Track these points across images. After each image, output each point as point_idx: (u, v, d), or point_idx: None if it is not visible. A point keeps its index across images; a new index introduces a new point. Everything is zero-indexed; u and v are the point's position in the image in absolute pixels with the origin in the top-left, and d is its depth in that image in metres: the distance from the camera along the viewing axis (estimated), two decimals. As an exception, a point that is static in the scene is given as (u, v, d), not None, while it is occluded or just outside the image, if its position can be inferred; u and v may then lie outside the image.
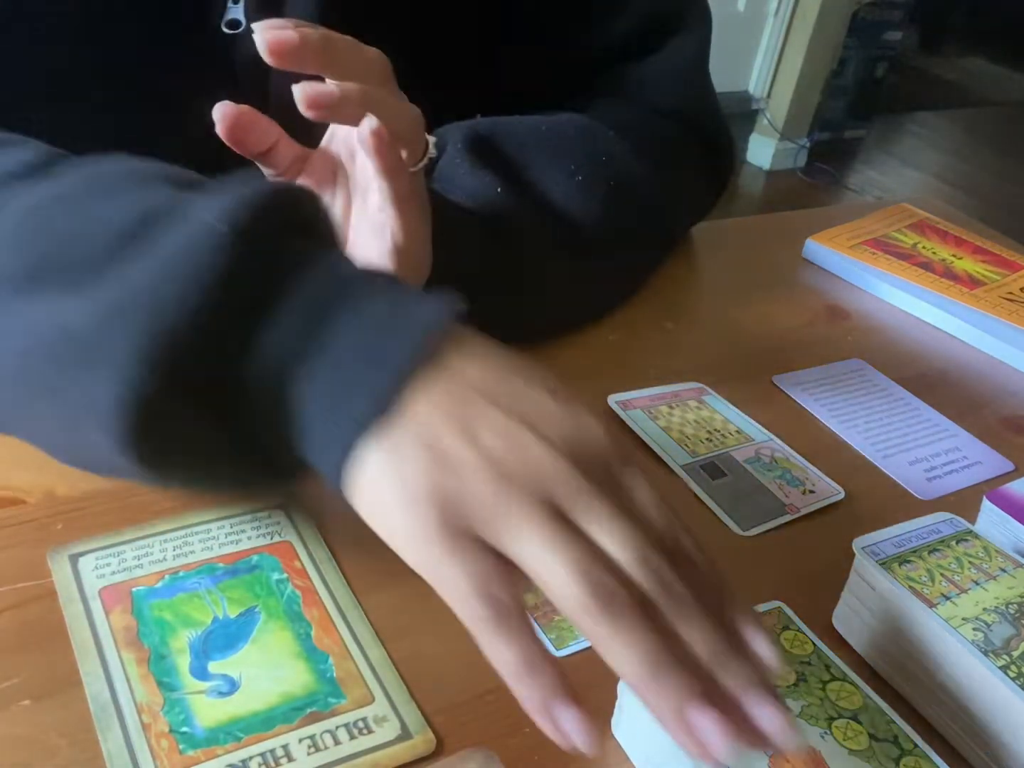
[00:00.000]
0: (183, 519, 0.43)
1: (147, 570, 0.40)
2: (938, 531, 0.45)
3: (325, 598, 0.41)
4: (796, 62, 3.12)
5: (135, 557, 0.41)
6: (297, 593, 0.41)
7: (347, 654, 0.39)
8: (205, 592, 0.40)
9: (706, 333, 0.69)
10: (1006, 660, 0.37)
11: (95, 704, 0.35)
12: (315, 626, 0.39)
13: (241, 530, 0.43)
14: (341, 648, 0.39)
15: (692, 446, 0.55)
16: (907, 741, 0.37)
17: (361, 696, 0.37)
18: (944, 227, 0.87)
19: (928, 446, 0.59)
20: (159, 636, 0.38)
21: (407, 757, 0.35)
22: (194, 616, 0.39)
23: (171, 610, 0.39)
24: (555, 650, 0.41)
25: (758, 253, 0.82)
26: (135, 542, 0.41)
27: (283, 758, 0.34)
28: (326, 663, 0.38)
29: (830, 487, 0.53)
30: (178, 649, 0.37)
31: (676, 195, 0.70)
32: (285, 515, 0.44)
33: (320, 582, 0.41)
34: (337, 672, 0.38)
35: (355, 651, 0.39)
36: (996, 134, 3.94)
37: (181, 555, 0.41)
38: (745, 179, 3.21)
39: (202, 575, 0.41)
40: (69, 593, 0.39)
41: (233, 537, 0.43)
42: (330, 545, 0.43)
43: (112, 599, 0.39)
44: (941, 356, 0.71)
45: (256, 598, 0.40)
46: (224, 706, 0.36)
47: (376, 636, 0.40)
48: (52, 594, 0.39)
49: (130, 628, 0.38)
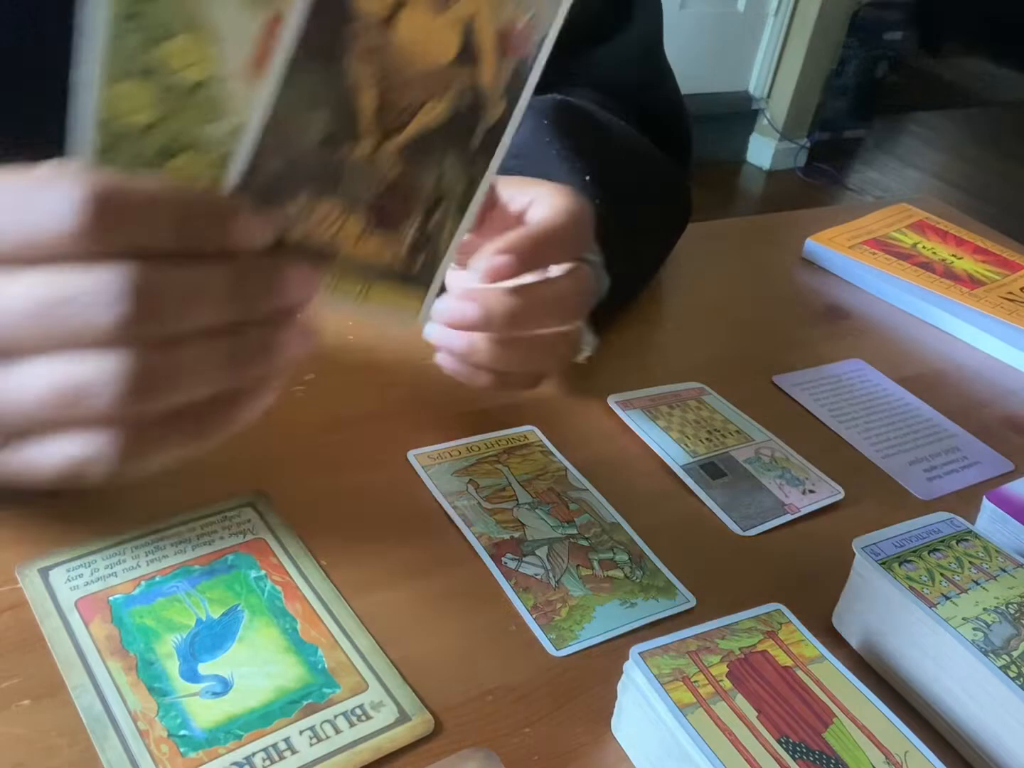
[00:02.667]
0: (152, 524, 0.43)
1: (122, 578, 0.40)
2: (938, 531, 0.45)
3: (306, 591, 0.41)
4: (796, 62, 3.12)
5: (108, 566, 0.40)
6: (277, 589, 0.41)
7: (335, 644, 0.39)
8: (184, 595, 0.40)
9: (706, 333, 0.69)
10: (1006, 660, 0.37)
11: (88, 716, 0.34)
12: (300, 620, 0.39)
13: (213, 531, 0.43)
14: (329, 639, 0.39)
15: (692, 446, 0.55)
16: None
17: (355, 684, 0.37)
18: (944, 227, 0.87)
19: (928, 446, 0.59)
20: (143, 643, 0.37)
21: (408, 739, 0.36)
22: (177, 620, 0.39)
23: (152, 616, 0.39)
24: (555, 650, 0.41)
25: (758, 253, 0.82)
26: (105, 551, 0.41)
27: (286, 751, 0.34)
28: (316, 655, 0.38)
29: (830, 487, 0.53)
30: (165, 654, 0.37)
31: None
32: (255, 511, 0.44)
33: (299, 576, 0.42)
34: (328, 663, 0.38)
35: (343, 641, 0.39)
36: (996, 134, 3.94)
37: (155, 560, 0.41)
38: (745, 179, 3.21)
39: (179, 579, 0.40)
40: (44, 608, 0.38)
41: (206, 538, 0.42)
42: (304, 539, 0.43)
43: (90, 610, 0.38)
44: (941, 356, 0.71)
45: (237, 597, 0.40)
46: (220, 706, 0.36)
47: (362, 624, 0.40)
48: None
49: (112, 637, 0.37)
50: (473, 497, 0.48)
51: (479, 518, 0.47)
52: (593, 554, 0.46)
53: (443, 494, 0.48)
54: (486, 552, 0.45)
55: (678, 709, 0.35)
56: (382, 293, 0.35)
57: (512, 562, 0.45)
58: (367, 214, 0.33)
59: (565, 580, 0.44)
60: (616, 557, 0.46)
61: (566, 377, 0.58)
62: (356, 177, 0.32)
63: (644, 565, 0.46)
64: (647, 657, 0.37)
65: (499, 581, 0.44)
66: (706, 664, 0.37)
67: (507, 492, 0.49)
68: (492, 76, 0.32)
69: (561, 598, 0.43)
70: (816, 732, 0.36)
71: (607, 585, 0.44)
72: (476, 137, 0.33)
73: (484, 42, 0.31)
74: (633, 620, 0.43)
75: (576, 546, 0.46)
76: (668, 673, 0.36)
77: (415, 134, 0.32)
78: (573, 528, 0.47)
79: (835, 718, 0.36)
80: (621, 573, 0.45)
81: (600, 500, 0.50)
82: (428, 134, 0.32)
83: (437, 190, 0.33)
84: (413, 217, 0.34)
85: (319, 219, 0.32)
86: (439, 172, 0.33)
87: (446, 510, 0.47)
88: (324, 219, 0.32)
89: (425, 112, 0.32)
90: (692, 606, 0.44)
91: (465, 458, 0.51)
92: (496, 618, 0.42)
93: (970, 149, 3.77)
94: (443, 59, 0.31)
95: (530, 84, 0.32)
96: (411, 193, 0.33)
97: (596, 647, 0.41)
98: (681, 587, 0.45)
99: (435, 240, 0.35)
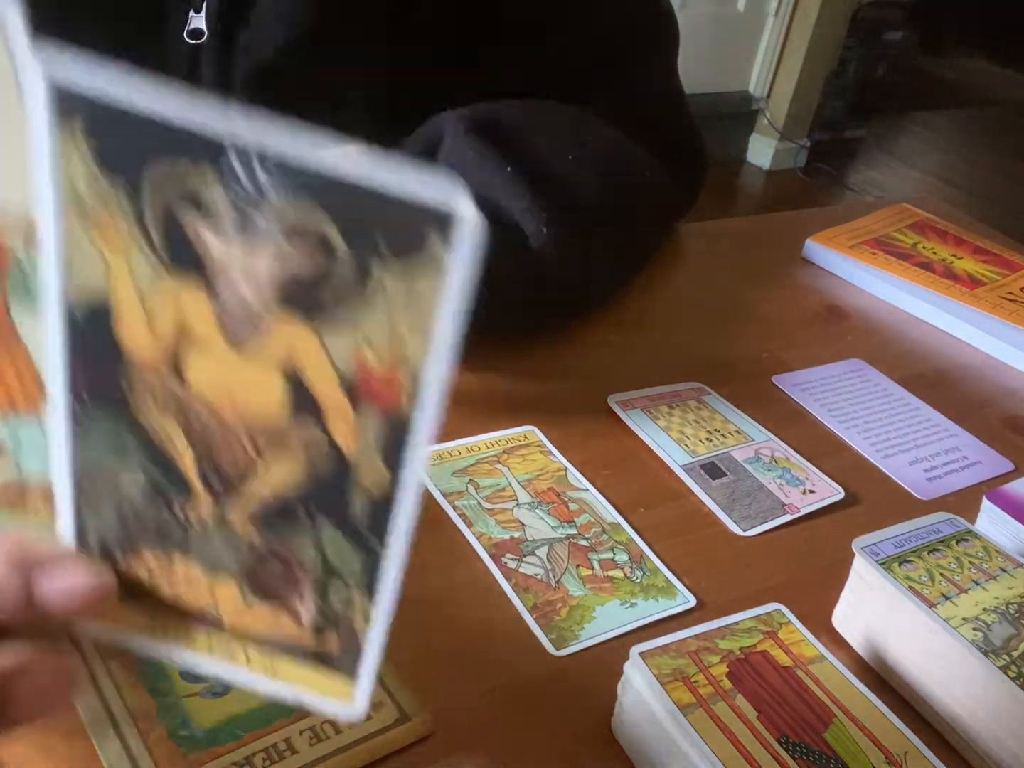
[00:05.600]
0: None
1: None
2: (938, 531, 0.45)
3: None
4: (796, 62, 3.12)
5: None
6: None
7: None
8: None
9: (706, 333, 0.68)
10: (1006, 660, 0.37)
11: (87, 715, 0.34)
12: None
13: None
14: None
15: (692, 446, 0.55)
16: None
17: None
18: (944, 227, 0.87)
19: (928, 446, 0.59)
20: None
21: (407, 739, 0.36)
22: None
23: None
24: (555, 650, 0.41)
25: (758, 253, 0.82)
26: None
27: (286, 751, 0.34)
28: None
29: (830, 487, 0.53)
30: None
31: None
32: None
33: None
34: None
35: None
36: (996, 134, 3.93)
37: None
38: (745, 179, 3.21)
39: None
40: None
41: None
42: None
43: None
44: (941, 356, 0.71)
45: None
46: (220, 706, 0.36)
47: None
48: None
49: None
50: (473, 497, 0.48)
51: (479, 518, 0.47)
52: (593, 554, 0.46)
53: (443, 494, 0.48)
54: (486, 552, 0.45)
55: (678, 709, 0.35)
56: (297, 672, 0.28)
57: (512, 562, 0.45)
58: (240, 582, 0.26)
59: (565, 580, 0.44)
60: (616, 557, 0.46)
61: (566, 377, 0.58)
62: (208, 541, 0.26)
63: (644, 565, 0.46)
64: (647, 657, 0.37)
65: (499, 581, 0.44)
66: (706, 664, 0.37)
67: (507, 492, 0.49)
68: (352, 437, 0.24)
69: (561, 598, 0.43)
70: (816, 732, 0.36)
71: (607, 585, 0.44)
72: (353, 508, 0.25)
73: (323, 392, 0.23)
74: (633, 620, 0.43)
75: (576, 546, 0.46)
76: (668, 673, 0.36)
77: (263, 499, 0.25)
78: (573, 528, 0.47)
79: (835, 718, 0.36)
80: (621, 573, 0.45)
81: (600, 500, 0.50)
82: (282, 501, 0.25)
83: (325, 566, 0.26)
84: (302, 591, 0.26)
85: (182, 580, 0.26)
86: (316, 546, 0.26)
87: (446, 510, 0.47)
88: (188, 582, 0.26)
89: (266, 473, 0.25)
90: (692, 606, 0.44)
91: (465, 458, 0.51)
92: (496, 618, 0.42)
93: (970, 149, 3.77)
94: (268, 413, 0.24)
95: (419, 444, 0.23)
96: (288, 565, 0.26)
97: (596, 647, 0.41)
98: (681, 587, 0.45)
99: (345, 622, 0.27)
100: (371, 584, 0.26)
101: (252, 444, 0.24)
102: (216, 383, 0.24)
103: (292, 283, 0.22)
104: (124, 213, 0.22)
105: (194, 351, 0.23)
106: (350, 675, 0.28)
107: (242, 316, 0.22)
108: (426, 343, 0.22)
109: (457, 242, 0.20)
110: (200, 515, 0.25)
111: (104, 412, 0.24)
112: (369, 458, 0.24)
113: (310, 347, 0.23)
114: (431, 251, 0.21)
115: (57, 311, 0.23)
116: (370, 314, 0.22)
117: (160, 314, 0.23)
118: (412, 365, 0.22)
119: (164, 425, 0.24)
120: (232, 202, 0.21)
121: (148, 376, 0.24)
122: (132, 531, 0.26)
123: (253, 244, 0.21)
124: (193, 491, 0.25)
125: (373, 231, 0.21)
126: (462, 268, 0.20)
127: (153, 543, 0.26)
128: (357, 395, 0.23)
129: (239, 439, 0.24)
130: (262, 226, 0.21)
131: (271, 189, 0.21)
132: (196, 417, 0.24)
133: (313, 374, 0.23)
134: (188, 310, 0.23)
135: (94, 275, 0.22)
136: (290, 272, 0.22)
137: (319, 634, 0.27)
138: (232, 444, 0.24)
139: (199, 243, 0.22)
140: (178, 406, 0.24)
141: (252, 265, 0.22)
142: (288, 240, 0.21)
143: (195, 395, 0.24)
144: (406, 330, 0.22)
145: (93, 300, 0.23)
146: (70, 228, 0.22)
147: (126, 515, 0.25)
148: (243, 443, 0.24)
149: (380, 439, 0.23)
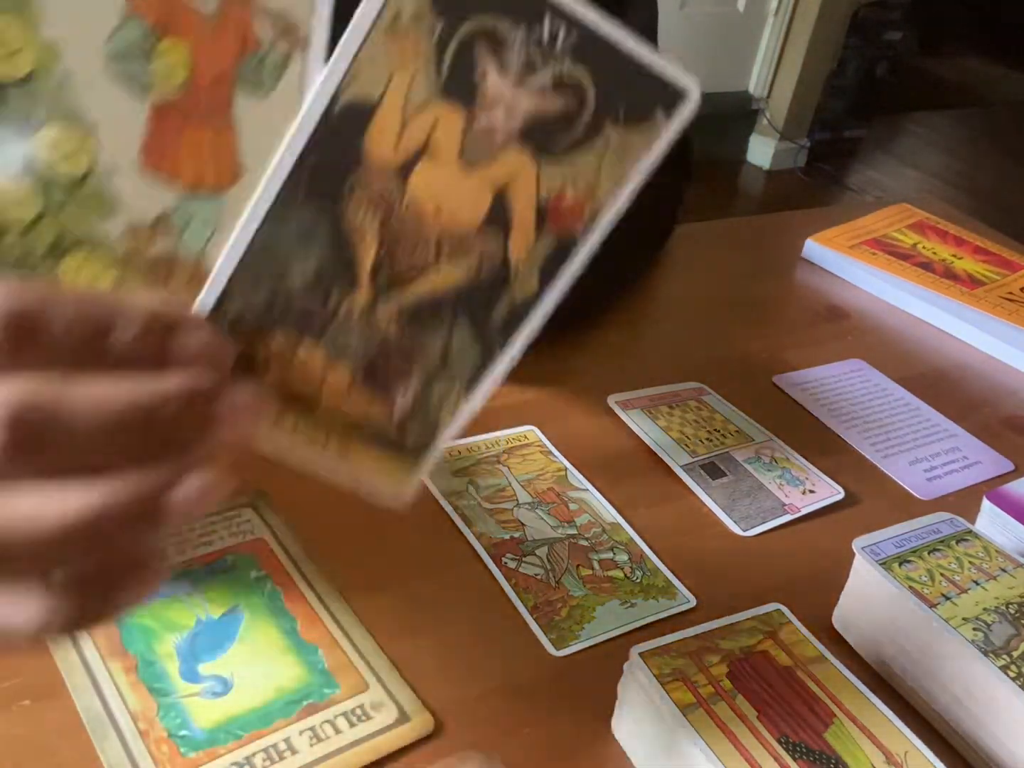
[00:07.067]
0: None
1: None
2: (938, 531, 0.45)
3: (306, 592, 0.41)
4: (796, 62, 3.11)
5: None
6: (278, 589, 0.41)
7: (335, 644, 0.39)
8: (184, 595, 0.40)
9: (706, 333, 0.68)
10: (1006, 660, 0.37)
11: (87, 715, 0.35)
12: (300, 620, 0.40)
13: (213, 530, 0.43)
14: (329, 639, 0.39)
15: (692, 446, 0.55)
16: None
17: (355, 684, 0.37)
18: (944, 227, 0.87)
19: (928, 446, 0.59)
20: (144, 643, 0.37)
21: (408, 739, 0.36)
22: (177, 620, 0.39)
23: (152, 616, 0.39)
24: (555, 650, 0.41)
25: (758, 253, 0.82)
26: None
27: (286, 751, 0.34)
28: (316, 655, 0.38)
29: (830, 487, 0.53)
30: (165, 654, 0.37)
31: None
32: (255, 512, 0.44)
33: (299, 576, 0.42)
34: (328, 663, 0.38)
35: (343, 641, 0.39)
36: (996, 134, 3.93)
37: None
38: (745, 179, 3.21)
39: (179, 578, 0.40)
40: None
41: (205, 538, 0.43)
42: (304, 539, 0.43)
43: None
44: (941, 356, 0.71)
45: (236, 597, 0.40)
46: (220, 706, 0.36)
47: (362, 624, 0.40)
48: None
49: (112, 637, 0.37)
50: (473, 497, 0.48)
51: (479, 518, 0.47)
52: (593, 554, 0.46)
53: (443, 494, 0.48)
54: (486, 552, 0.45)
55: (678, 709, 0.35)
56: (366, 456, 0.30)
57: (512, 562, 0.45)
58: (354, 368, 0.29)
59: (565, 580, 0.44)
60: (616, 557, 0.46)
61: (566, 377, 0.58)
62: (346, 330, 0.28)
63: (644, 565, 0.46)
64: (647, 657, 0.37)
65: (499, 581, 0.44)
66: (706, 664, 0.37)
67: (507, 492, 0.49)
68: (526, 251, 0.28)
69: (561, 598, 0.43)
70: (816, 732, 0.36)
71: (607, 585, 0.44)
72: (497, 312, 0.28)
73: (520, 212, 0.27)
74: (633, 620, 0.43)
75: (576, 546, 0.46)
76: (668, 673, 0.36)
77: (420, 297, 0.28)
78: (573, 528, 0.47)
79: (835, 718, 0.36)
80: (621, 573, 0.45)
81: (600, 500, 0.50)
82: (437, 299, 0.28)
83: (442, 361, 0.29)
84: (409, 383, 0.29)
85: (298, 363, 0.28)
86: (445, 343, 0.29)
87: (446, 510, 0.47)
88: (304, 364, 0.29)
89: (435, 274, 0.28)
90: (692, 606, 0.44)
91: (465, 458, 0.51)
92: (496, 618, 0.42)
93: (970, 149, 3.77)
94: (466, 223, 0.27)
95: (574, 265, 0.28)
96: (409, 358, 0.29)
97: (596, 647, 0.41)
98: (681, 587, 0.45)
99: (434, 414, 0.30)
100: (474, 380, 0.29)
101: (436, 248, 0.28)
102: (433, 190, 0.27)
103: (540, 123, 0.26)
104: (430, 41, 0.25)
105: (428, 162, 0.27)
106: (411, 465, 0.30)
107: (484, 142, 0.26)
108: (616, 188, 0.27)
109: (676, 117, 0.26)
110: (352, 307, 0.28)
111: (315, 203, 0.27)
112: (528, 271, 0.28)
113: (528, 176, 0.27)
114: (654, 120, 0.26)
115: (320, 109, 0.25)
116: (585, 159, 0.27)
117: (414, 127, 0.26)
118: (597, 201, 0.27)
119: (365, 220, 0.27)
120: (527, 50, 0.25)
121: (373, 177, 0.27)
122: (275, 315, 0.28)
123: (525, 86, 0.26)
124: (359, 283, 0.28)
125: (620, 97, 0.26)
126: (670, 138, 0.26)
127: (290, 328, 0.28)
128: (544, 218, 0.27)
129: (428, 242, 0.27)
130: (540, 73, 0.26)
131: (561, 45, 0.25)
132: (398, 217, 0.27)
133: (519, 197, 0.27)
134: (441, 129, 0.26)
135: (373, 85, 0.26)
136: (543, 114, 0.26)
137: (401, 424, 0.30)
138: (419, 245, 0.28)
139: (479, 76, 0.26)
140: (388, 206, 0.27)
141: (517, 103, 0.26)
142: (554, 88, 0.26)
143: (409, 199, 0.27)
144: (606, 176, 0.27)
145: (357, 106, 0.26)
146: (376, 42, 0.25)
147: (277, 299, 0.28)
148: (430, 246, 0.28)
149: (545, 257, 0.28)
